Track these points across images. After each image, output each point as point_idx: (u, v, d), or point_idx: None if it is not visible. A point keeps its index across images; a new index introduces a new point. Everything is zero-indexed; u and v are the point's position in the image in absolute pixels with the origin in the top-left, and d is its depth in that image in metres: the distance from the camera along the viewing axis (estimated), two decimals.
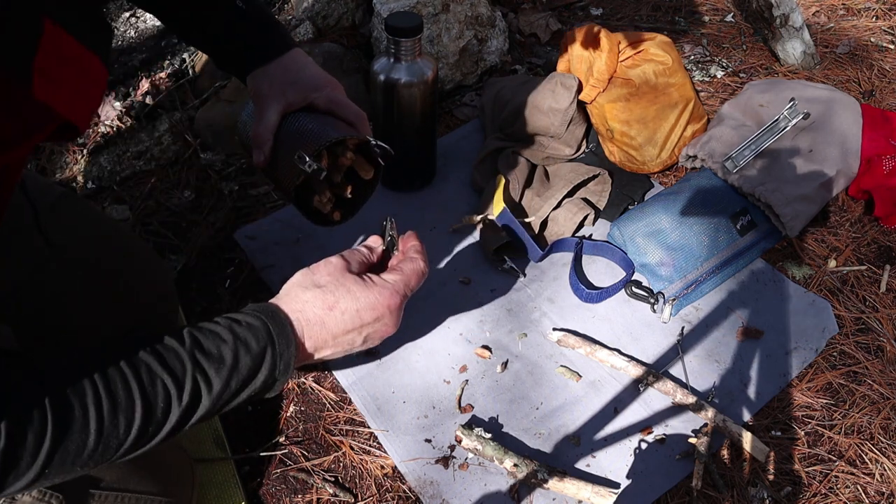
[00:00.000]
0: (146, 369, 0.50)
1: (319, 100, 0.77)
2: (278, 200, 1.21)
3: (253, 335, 0.56)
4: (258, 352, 0.56)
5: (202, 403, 0.53)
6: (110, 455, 0.49)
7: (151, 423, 0.50)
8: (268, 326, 0.58)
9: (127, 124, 1.30)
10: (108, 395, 0.48)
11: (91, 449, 0.47)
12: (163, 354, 0.51)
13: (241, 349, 0.55)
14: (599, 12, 1.73)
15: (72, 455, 0.46)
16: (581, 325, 1.02)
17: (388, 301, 0.64)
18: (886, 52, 1.62)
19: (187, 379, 0.52)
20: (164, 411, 0.51)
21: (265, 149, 0.75)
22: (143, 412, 0.49)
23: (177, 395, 0.51)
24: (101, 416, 0.47)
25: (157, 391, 0.50)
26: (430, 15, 1.37)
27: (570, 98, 1.17)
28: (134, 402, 0.49)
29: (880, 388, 0.96)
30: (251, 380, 0.56)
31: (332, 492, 0.84)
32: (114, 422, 0.48)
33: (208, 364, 0.53)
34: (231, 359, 0.54)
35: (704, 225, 1.07)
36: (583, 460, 0.87)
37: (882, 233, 1.19)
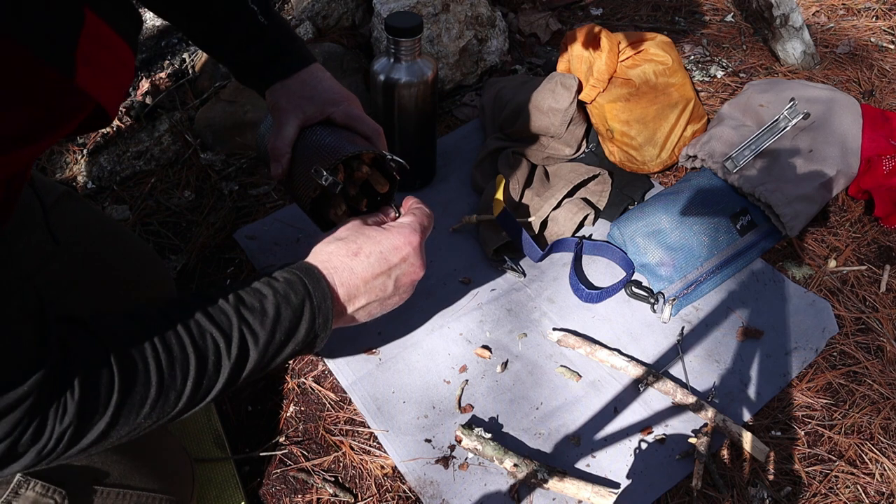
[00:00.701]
0: (196, 325, 0.53)
1: (337, 114, 0.78)
2: (278, 200, 1.21)
3: (291, 289, 0.59)
4: (298, 304, 0.59)
5: (250, 356, 0.56)
6: (170, 409, 0.52)
7: (205, 376, 0.53)
8: (303, 280, 0.60)
9: (127, 124, 1.30)
10: (165, 351, 0.50)
11: (153, 400, 0.50)
12: (210, 311, 0.54)
13: (281, 302, 0.58)
14: (599, 12, 1.73)
15: (136, 406, 0.49)
16: (581, 325, 1.02)
17: (409, 238, 0.67)
18: (886, 52, 1.62)
19: (234, 332, 0.54)
20: (215, 364, 0.53)
21: (283, 161, 0.77)
22: (197, 365, 0.52)
23: (226, 348, 0.54)
24: (161, 369, 0.50)
25: (207, 345, 0.53)
26: (430, 15, 1.37)
27: (570, 98, 1.17)
28: (188, 356, 0.51)
29: (880, 388, 0.96)
30: (294, 332, 0.59)
31: (332, 492, 0.84)
32: (172, 374, 0.51)
33: (252, 318, 0.56)
34: (273, 311, 0.57)
35: (704, 225, 1.07)
36: (583, 460, 0.87)
37: (882, 233, 1.19)
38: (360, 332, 0.99)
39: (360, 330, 0.99)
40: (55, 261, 0.74)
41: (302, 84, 0.78)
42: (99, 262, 0.79)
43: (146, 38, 1.46)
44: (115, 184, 1.23)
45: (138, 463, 0.68)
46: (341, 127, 0.79)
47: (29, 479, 0.57)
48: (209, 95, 1.35)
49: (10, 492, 0.56)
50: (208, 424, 0.89)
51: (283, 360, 0.60)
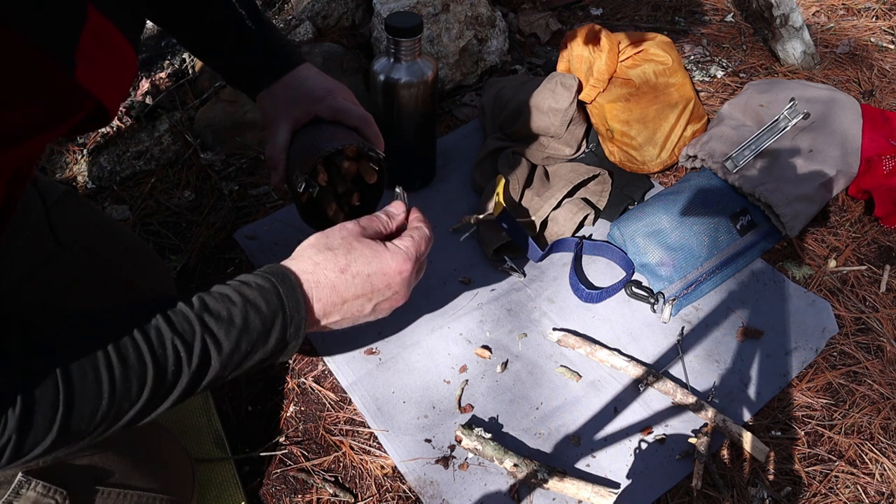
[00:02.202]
0: (156, 333, 0.50)
1: (322, 111, 0.77)
2: (278, 200, 1.21)
3: (263, 297, 0.56)
4: (268, 314, 0.56)
5: (212, 365, 0.53)
6: (122, 418, 0.49)
7: (163, 386, 0.51)
8: (278, 288, 0.57)
9: (127, 124, 1.30)
10: (120, 360, 0.48)
11: (104, 411, 0.48)
12: (171, 318, 0.52)
13: (250, 311, 0.55)
14: (599, 12, 1.73)
15: (86, 418, 0.47)
16: (581, 325, 1.02)
17: (400, 267, 0.64)
18: (886, 52, 1.62)
19: (196, 341, 0.52)
20: (174, 373, 0.51)
21: (279, 169, 0.77)
22: (155, 374, 0.50)
23: (186, 357, 0.51)
24: (114, 379, 0.48)
25: (167, 354, 0.50)
26: (430, 15, 1.37)
27: (570, 98, 1.17)
28: (146, 366, 0.49)
29: (880, 388, 0.96)
30: (262, 342, 0.56)
31: (332, 492, 0.84)
32: (126, 385, 0.48)
33: (217, 326, 0.53)
34: (241, 320, 0.54)
35: (704, 225, 1.07)
36: (583, 460, 0.87)
37: (882, 233, 1.19)
38: (360, 332, 0.99)
39: (360, 330, 0.99)
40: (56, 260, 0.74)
41: (286, 88, 0.78)
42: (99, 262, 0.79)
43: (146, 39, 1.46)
44: (115, 184, 1.23)
45: (139, 463, 0.68)
46: (330, 122, 0.78)
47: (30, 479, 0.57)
48: (209, 95, 1.35)
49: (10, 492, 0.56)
50: (208, 424, 0.89)
51: (249, 368, 0.57)
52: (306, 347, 0.99)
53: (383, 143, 0.81)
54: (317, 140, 0.75)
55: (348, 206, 0.83)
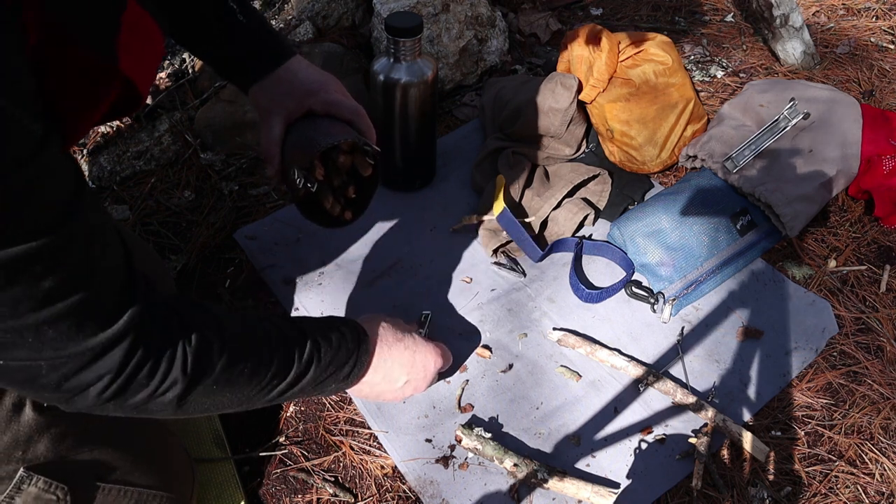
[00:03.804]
0: (284, 331, 0.67)
1: (315, 105, 0.78)
2: (278, 200, 1.21)
3: (348, 337, 0.74)
4: (351, 350, 0.73)
5: (310, 371, 0.67)
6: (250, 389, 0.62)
7: (279, 372, 0.64)
8: (357, 333, 0.75)
9: (127, 124, 1.30)
10: (264, 338, 0.64)
11: (248, 374, 0.61)
12: (291, 327, 0.68)
13: (342, 344, 0.72)
14: (599, 12, 1.73)
15: (235, 375, 0.59)
16: (581, 325, 1.02)
17: (436, 360, 0.84)
18: (886, 52, 1.62)
19: (308, 347, 0.67)
20: (287, 366, 0.65)
21: (274, 162, 0.78)
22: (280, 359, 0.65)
23: (298, 357, 0.66)
24: (258, 349, 0.62)
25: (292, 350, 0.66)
26: (430, 15, 1.37)
27: (570, 98, 1.17)
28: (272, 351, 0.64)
29: (880, 388, 0.96)
30: (341, 369, 0.72)
31: (332, 492, 0.84)
32: (260, 358, 0.63)
33: (323, 342, 0.69)
34: (336, 344, 0.71)
35: (704, 225, 1.07)
36: (583, 460, 0.87)
37: (882, 233, 1.19)
38: None
39: None
40: None
41: (279, 82, 0.78)
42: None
43: None
44: (115, 184, 1.23)
45: (140, 461, 0.68)
46: (323, 115, 0.79)
47: (31, 474, 0.57)
48: (209, 95, 1.35)
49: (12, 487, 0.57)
50: (208, 424, 0.89)
51: (321, 391, 0.72)
52: None
53: (375, 134, 0.82)
54: (312, 135, 0.75)
55: (344, 198, 0.83)
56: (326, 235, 1.13)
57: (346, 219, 0.83)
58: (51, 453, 0.59)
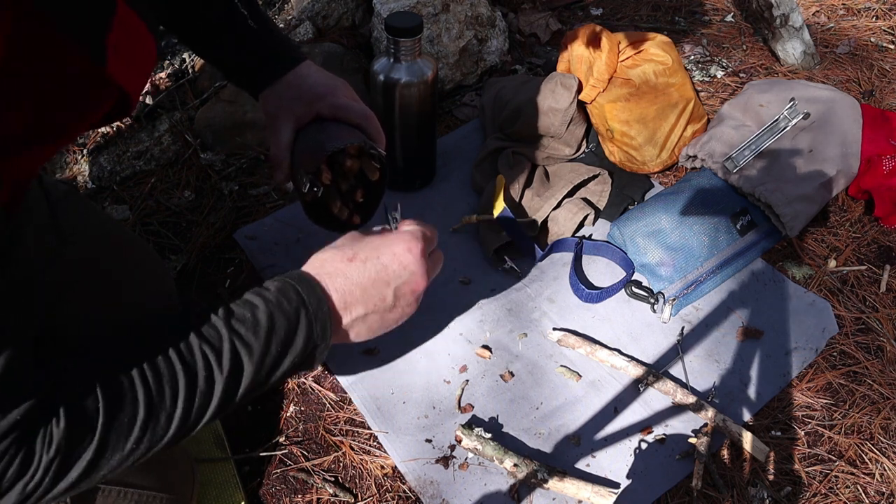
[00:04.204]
0: (183, 342, 0.50)
1: (323, 109, 0.78)
2: (278, 200, 1.21)
3: (284, 297, 0.56)
4: (292, 312, 0.56)
5: (245, 369, 0.53)
6: (162, 431, 0.49)
7: (196, 393, 0.50)
8: (295, 287, 0.57)
9: (127, 124, 1.30)
10: (152, 369, 0.48)
11: (142, 422, 0.47)
12: (198, 326, 0.52)
13: (274, 311, 0.55)
14: (599, 12, 1.73)
15: (125, 430, 0.47)
16: (581, 325, 1.02)
17: (409, 244, 0.63)
18: (886, 52, 1.62)
19: (224, 344, 0.52)
20: (206, 379, 0.51)
21: (283, 167, 0.77)
22: (186, 381, 0.49)
23: (216, 362, 0.51)
24: (148, 388, 0.48)
25: (196, 359, 0.50)
26: (430, 15, 1.37)
27: (570, 98, 1.17)
28: (176, 372, 0.49)
29: (880, 388, 0.96)
30: (291, 342, 0.56)
31: (332, 492, 0.84)
32: (160, 392, 0.48)
33: (244, 329, 0.53)
34: (266, 321, 0.54)
35: (704, 225, 1.07)
36: (583, 460, 0.87)
37: (882, 233, 1.19)
38: None
39: None
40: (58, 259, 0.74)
41: (288, 87, 0.78)
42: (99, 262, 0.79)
43: None
44: (115, 184, 1.23)
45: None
46: (332, 120, 0.78)
47: None
48: (209, 95, 1.35)
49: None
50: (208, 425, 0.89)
51: (282, 374, 0.57)
52: None
53: (384, 139, 0.82)
54: (320, 139, 0.75)
55: (352, 202, 0.83)
56: (327, 235, 1.12)
57: (353, 223, 0.83)
58: None
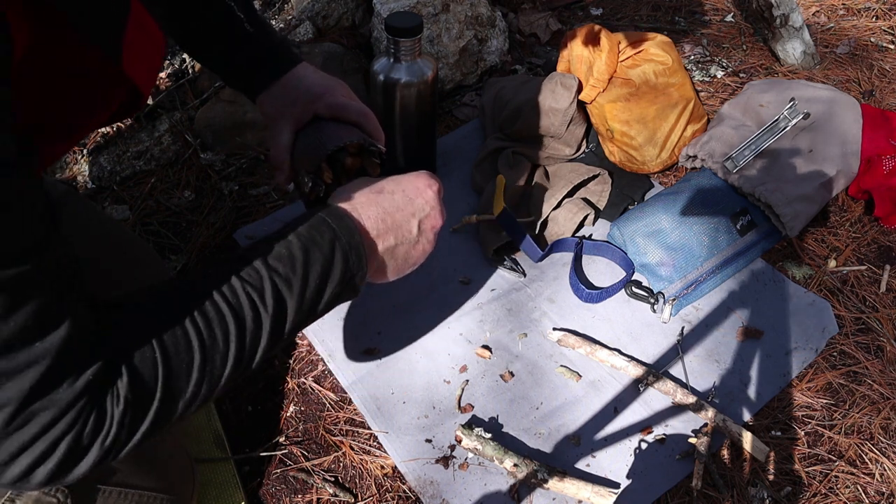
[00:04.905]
0: (227, 286, 0.52)
1: (321, 109, 0.78)
2: (278, 200, 1.21)
3: (316, 231, 0.57)
4: (325, 243, 0.57)
5: (288, 304, 0.54)
6: (219, 372, 0.51)
7: (246, 334, 0.52)
8: (326, 220, 0.58)
9: (127, 124, 1.30)
10: (201, 315, 0.50)
11: (199, 366, 0.49)
12: (237, 269, 0.53)
13: (308, 244, 0.56)
14: (599, 12, 1.73)
15: (184, 376, 0.48)
16: (581, 325, 1.02)
17: (428, 181, 0.67)
18: (886, 52, 1.62)
19: (265, 283, 0.53)
20: (254, 319, 0.52)
21: (284, 169, 0.78)
22: (235, 322, 0.51)
23: (260, 301, 0.53)
24: (200, 334, 0.49)
25: (241, 301, 0.52)
26: (430, 15, 1.37)
27: (570, 98, 1.17)
28: (224, 316, 0.51)
29: (880, 388, 0.96)
30: (328, 273, 0.57)
31: (332, 492, 0.84)
32: (212, 336, 0.50)
33: (281, 266, 0.54)
34: (301, 255, 0.55)
35: (704, 225, 1.07)
36: (583, 460, 0.87)
37: (882, 233, 1.19)
38: (360, 332, 0.99)
39: (360, 329, 0.99)
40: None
41: (285, 89, 0.79)
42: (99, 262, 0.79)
43: None
44: (115, 184, 1.23)
45: (140, 462, 0.68)
46: (330, 119, 0.79)
47: None
48: (209, 95, 1.35)
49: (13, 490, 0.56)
50: (208, 424, 0.89)
51: (326, 304, 0.58)
52: (306, 343, 0.99)
53: (383, 135, 0.82)
54: (320, 139, 0.76)
55: None
56: None
57: None
58: None
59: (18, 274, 0.38)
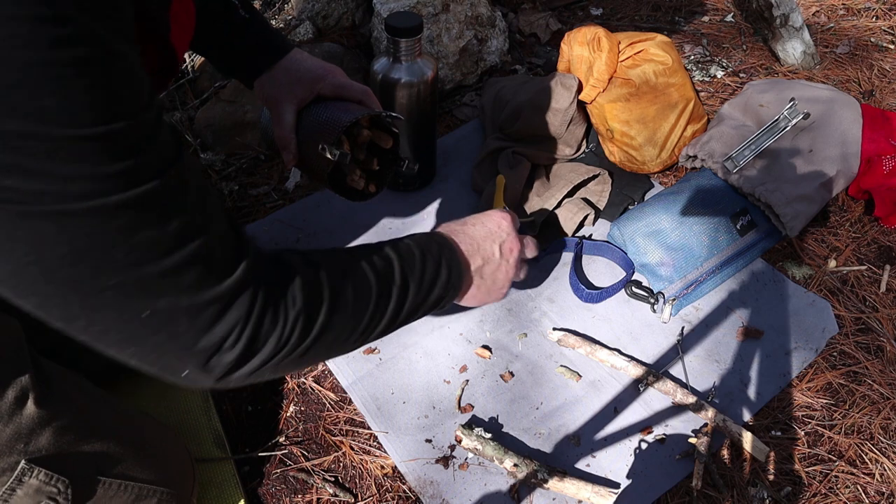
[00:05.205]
0: (379, 257, 0.60)
1: (325, 89, 0.81)
2: (278, 200, 1.21)
3: (425, 240, 0.66)
4: (435, 250, 0.66)
5: (410, 290, 0.62)
6: (378, 318, 0.59)
7: (379, 309, 0.59)
8: (431, 235, 0.67)
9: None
10: (369, 264, 0.58)
11: (371, 301, 0.57)
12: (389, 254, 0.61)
13: (424, 248, 0.65)
14: (599, 12, 1.73)
15: (351, 305, 0.55)
16: (581, 325, 1.02)
17: (501, 215, 0.74)
18: (886, 52, 1.62)
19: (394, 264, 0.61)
20: (387, 296, 0.60)
21: (291, 148, 0.79)
22: (378, 293, 0.58)
23: (394, 277, 0.60)
24: (357, 289, 0.56)
25: (393, 268, 0.60)
26: (430, 15, 1.37)
27: (570, 98, 1.17)
28: (393, 269, 0.60)
29: (880, 388, 0.96)
30: (437, 274, 0.65)
31: (332, 492, 0.84)
32: (361, 297, 0.57)
33: (408, 265, 0.62)
34: (419, 252, 0.64)
35: (704, 225, 1.07)
36: (583, 460, 0.87)
37: (882, 233, 1.19)
38: None
39: None
40: None
41: (286, 71, 0.81)
42: None
43: None
44: None
45: (141, 455, 0.68)
46: (333, 98, 0.82)
47: (33, 466, 0.57)
48: (209, 95, 1.35)
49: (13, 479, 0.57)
50: (208, 424, 0.89)
51: (429, 305, 0.65)
52: None
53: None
54: (333, 115, 0.78)
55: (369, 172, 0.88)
56: (326, 236, 1.13)
57: (370, 192, 0.86)
58: (53, 446, 0.59)
59: (165, 184, 0.42)
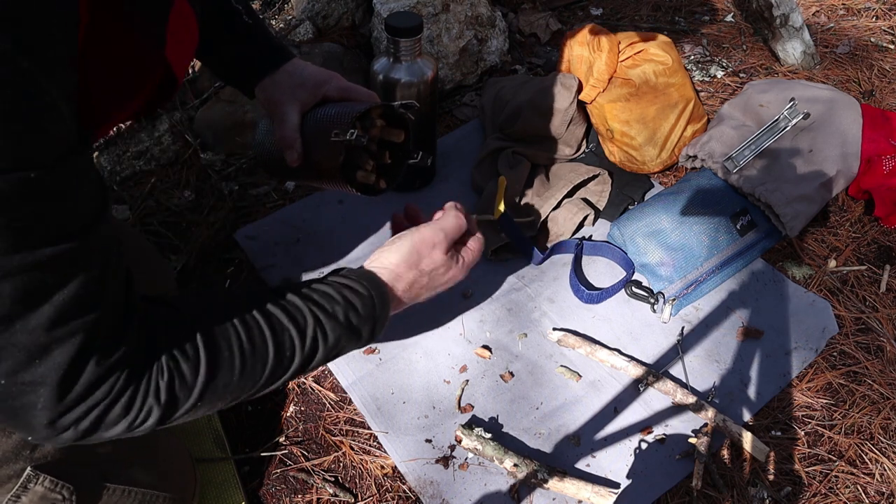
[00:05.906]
0: (277, 322, 0.57)
1: (331, 91, 0.81)
2: (278, 200, 1.21)
3: (360, 301, 0.64)
4: (365, 316, 0.64)
5: (317, 355, 0.60)
6: (246, 392, 0.56)
7: (280, 368, 0.57)
8: (371, 296, 0.65)
9: (127, 124, 1.30)
10: (249, 341, 0.54)
11: (235, 385, 0.54)
12: (289, 310, 0.58)
13: (350, 313, 0.62)
14: (599, 12, 1.73)
15: (220, 389, 0.52)
16: (581, 325, 1.02)
17: (428, 236, 0.73)
18: (886, 52, 1.62)
19: (308, 332, 0.59)
20: (289, 359, 0.58)
21: (296, 146, 0.79)
22: (274, 358, 0.56)
23: (300, 346, 0.58)
24: (244, 358, 0.54)
25: (285, 341, 0.57)
26: (430, 15, 1.37)
27: (570, 98, 1.17)
28: (268, 350, 0.56)
29: (880, 388, 0.96)
30: (356, 339, 0.64)
31: (332, 492, 0.84)
32: (253, 364, 0.55)
33: (326, 321, 0.60)
34: (343, 319, 0.62)
35: (704, 225, 1.07)
36: (583, 460, 0.87)
37: (882, 233, 1.19)
38: None
39: None
40: None
41: (289, 75, 0.81)
42: None
43: None
44: (115, 184, 1.23)
45: (144, 461, 0.68)
46: (339, 100, 0.82)
47: (38, 473, 0.57)
48: (209, 95, 1.35)
49: (19, 486, 0.57)
50: (208, 424, 0.89)
51: (337, 356, 0.64)
52: None
53: None
54: (342, 108, 0.78)
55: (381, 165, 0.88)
56: (326, 236, 1.13)
57: (380, 187, 0.86)
58: (58, 453, 0.59)
59: (70, 249, 0.41)
